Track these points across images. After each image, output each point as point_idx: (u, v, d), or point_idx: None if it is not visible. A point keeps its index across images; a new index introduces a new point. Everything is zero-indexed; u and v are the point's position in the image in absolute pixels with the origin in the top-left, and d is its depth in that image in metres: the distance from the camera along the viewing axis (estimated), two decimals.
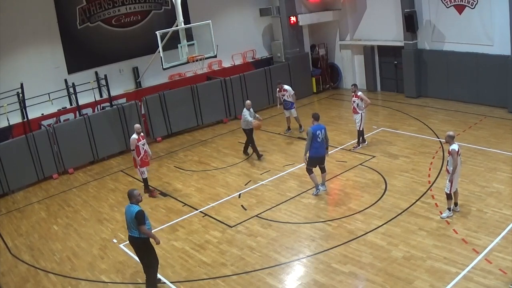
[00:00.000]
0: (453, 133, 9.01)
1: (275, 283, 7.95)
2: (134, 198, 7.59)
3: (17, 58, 14.17)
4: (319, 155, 10.65)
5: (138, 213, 7.38)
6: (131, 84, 16.78)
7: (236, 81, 17.50)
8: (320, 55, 20.27)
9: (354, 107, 13.12)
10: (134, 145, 11.40)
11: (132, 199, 7.60)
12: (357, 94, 13.01)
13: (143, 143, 11.58)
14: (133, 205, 7.55)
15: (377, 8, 18.23)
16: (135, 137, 11.40)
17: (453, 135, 8.95)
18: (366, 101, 13.05)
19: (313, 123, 10.69)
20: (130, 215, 7.50)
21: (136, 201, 7.59)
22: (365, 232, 9.03)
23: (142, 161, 11.55)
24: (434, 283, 7.32)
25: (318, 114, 10.92)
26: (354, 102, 13.06)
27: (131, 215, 7.45)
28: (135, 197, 7.60)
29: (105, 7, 15.69)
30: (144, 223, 7.43)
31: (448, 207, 9.18)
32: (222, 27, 17.64)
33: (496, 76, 14.84)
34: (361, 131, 13.34)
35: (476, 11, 15.09)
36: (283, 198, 10.91)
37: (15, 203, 12.63)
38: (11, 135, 13.87)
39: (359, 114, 13.05)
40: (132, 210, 7.47)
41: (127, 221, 7.65)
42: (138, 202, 7.63)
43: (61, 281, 8.71)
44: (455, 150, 8.75)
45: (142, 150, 11.51)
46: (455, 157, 8.74)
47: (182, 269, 8.63)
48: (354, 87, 13.20)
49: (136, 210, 7.42)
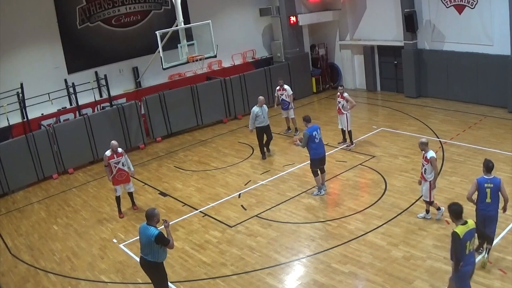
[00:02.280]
0: (426, 139, 8.89)
1: (275, 283, 7.95)
2: (155, 218, 6.92)
3: (17, 58, 14.17)
4: (320, 155, 10.66)
5: (158, 238, 6.77)
6: (131, 84, 16.78)
7: (236, 81, 17.50)
8: (320, 55, 20.27)
9: (339, 108, 13.29)
10: (106, 161, 10.62)
11: (153, 219, 6.91)
12: (343, 95, 13.15)
13: (118, 161, 10.67)
14: (151, 227, 6.87)
15: (377, 8, 18.23)
16: (107, 154, 10.60)
17: (426, 142, 8.81)
18: (351, 102, 13.16)
19: (306, 126, 10.63)
20: (146, 237, 6.86)
21: (156, 221, 6.94)
22: (365, 232, 9.03)
23: (114, 179, 10.72)
24: (434, 283, 7.32)
25: (308, 116, 10.83)
26: (340, 103, 13.23)
27: (149, 239, 6.82)
28: (156, 217, 6.92)
29: (105, 7, 15.69)
30: (168, 242, 6.88)
31: (426, 208, 9.13)
32: (222, 27, 17.63)
33: (496, 76, 14.84)
34: (350, 131, 13.42)
35: (476, 11, 15.09)
36: (283, 198, 10.91)
37: (15, 203, 12.63)
38: (11, 135, 13.87)
39: (344, 115, 13.18)
40: (150, 234, 6.81)
41: (142, 243, 7.03)
42: (157, 222, 6.97)
43: (61, 281, 8.71)
44: (435, 157, 8.61)
45: (114, 169, 10.63)
46: (435, 164, 8.61)
47: (182, 269, 8.63)
48: (341, 88, 13.43)
49: (155, 234, 6.77)
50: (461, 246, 6.11)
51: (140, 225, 7.16)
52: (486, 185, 7.37)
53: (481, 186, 7.40)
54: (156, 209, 7.01)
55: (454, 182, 10.54)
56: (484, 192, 7.39)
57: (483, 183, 7.40)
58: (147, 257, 7.00)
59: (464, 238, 6.10)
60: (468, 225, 6.20)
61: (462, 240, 6.10)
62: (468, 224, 6.21)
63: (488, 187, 7.36)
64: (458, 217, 6.23)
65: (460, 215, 6.23)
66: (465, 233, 6.12)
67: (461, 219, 6.23)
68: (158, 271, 7.17)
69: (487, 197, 7.37)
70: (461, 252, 6.14)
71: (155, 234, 6.78)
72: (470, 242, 6.20)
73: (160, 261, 7.07)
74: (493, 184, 7.35)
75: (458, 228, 6.15)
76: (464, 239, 6.10)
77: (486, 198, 7.39)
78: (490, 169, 7.43)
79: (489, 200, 7.38)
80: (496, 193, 7.37)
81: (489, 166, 7.43)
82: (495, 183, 7.35)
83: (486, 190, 7.37)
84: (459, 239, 6.08)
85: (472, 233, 6.23)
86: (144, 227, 6.97)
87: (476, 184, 7.44)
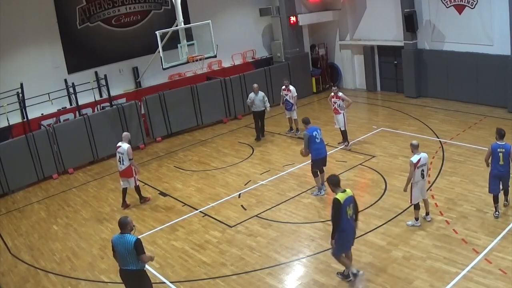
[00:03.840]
0: (416, 142, 8.77)
1: (275, 283, 7.95)
2: (129, 226, 6.61)
3: (17, 58, 14.17)
4: (321, 156, 10.66)
5: (137, 243, 6.48)
6: (131, 84, 16.79)
7: (236, 81, 17.50)
8: (320, 55, 20.29)
9: (335, 108, 13.31)
10: (131, 154, 10.99)
11: (126, 227, 6.60)
12: (338, 95, 13.17)
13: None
14: (127, 234, 6.57)
15: (377, 8, 18.24)
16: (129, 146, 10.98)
17: (416, 145, 8.70)
18: (347, 101, 13.26)
19: (306, 127, 10.67)
20: (124, 246, 6.51)
21: (130, 229, 6.63)
22: (365, 232, 9.02)
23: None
24: (434, 283, 7.32)
25: (307, 118, 10.88)
26: (336, 103, 13.25)
27: (127, 247, 6.48)
28: (129, 225, 6.62)
29: (105, 7, 15.69)
30: (143, 252, 6.57)
31: (415, 216, 8.98)
32: (222, 27, 17.63)
33: (496, 76, 14.84)
34: (345, 131, 13.43)
35: (476, 11, 15.09)
36: (283, 198, 10.91)
37: (15, 203, 12.63)
38: (11, 135, 13.87)
39: (341, 114, 13.21)
40: (128, 241, 6.50)
41: (121, 254, 6.61)
42: (131, 230, 6.67)
43: (61, 281, 8.71)
44: (413, 162, 8.54)
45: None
46: (411, 169, 8.56)
47: (182, 269, 8.63)
48: (335, 88, 13.48)
49: (133, 240, 6.48)
50: (341, 210, 7.03)
51: (112, 237, 6.78)
52: (499, 150, 8.56)
53: (495, 151, 8.59)
54: (128, 217, 6.74)
55: (454, 182, 10.54)
56: (497, 155, 8.57)
57: (496, 148, 8.59)
58: (130, 267, 6.61)
59: (344, 204, 7.04)
60: (347, 192, 7.15)
61: (343, 205, 7.03)
62: (347, 192, 7.16)
63: (500, 151, 8.54)
64: (336, 186, 7.21)
65: (338, 184, 7.22)
66: (344, 199, 7.06)
67: (339, 187, 7.18)
68: (145, 278, 6.89)
69: (500, 160, 8.55)
70: (341, 216, 7.06)
71: (134, 240, 6.49)
72: (349, 207, 7.13)
73: (144, 268, 6.79)
74: (505, 149, 8.52)
75: (339, 195, 7.08)
76: (344, 204, 7.04)
77: (499, 161, 8.56)
78: (502, 136, 8.63)
79: (502, 162, 8.56)
80: (507, 156, 8.51)
81: (501, 133, 8.64)
82: (506, 148, 8.51)
83: (499, 154, 8.55)
84: (340, 204, 7.02)
85: (350, 199, 7.16)
86: (118, 237, 6.63)
87: (490, 149, 8.67)
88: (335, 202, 7.06)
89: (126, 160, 10.96)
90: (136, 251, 6.47)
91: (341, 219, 7.07)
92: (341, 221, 7.07)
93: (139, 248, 6.49)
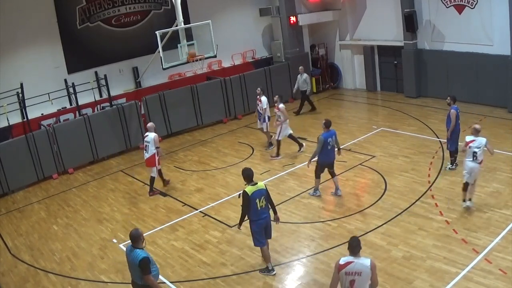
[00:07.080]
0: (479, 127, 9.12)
1: (275, 283, 7.95)
2: (140, 240, 6.31)
3: (17, 58, 14.16)
4: (329, 160, 10.51)
5: (142, 262, 6.16)
6: (131, 84, 16.78)
7: (236, 81, 17.50)
8: (320, 55, 20.28)
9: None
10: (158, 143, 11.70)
11: (138, 241, 6.30)
12: (278, 107, 13.00)
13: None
14: (137, 250, 6.28)
15: (377, 8, 18.23)
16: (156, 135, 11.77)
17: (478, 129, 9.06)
18: (286, 116, 13.01)
19: (324, 130, 10.33)
20: (133, 261, 6.30)
21: (142, 241, 6.36)
22: (365, 232, 9.03)
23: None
24: (434, 283, 7.32)
25: (330, 121, 10.42)
26: (276, 113, 13.14)
27: (134, 262, 6.25)
28: (141, 237, 6.33)
29: (105, 7, 15.69)
30: (149, 273, 6.21)
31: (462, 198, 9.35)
32: (222, 27, 17.62)
33: (496, 76, 14.84)
34: (279, 141, 13.24)
35: (476, 11, 15.10)
36: (283, 198, 10.91)
37: (15, 203, 12.62)
38: (11, 135, 13.86)
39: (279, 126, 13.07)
40: (135, 256, 6.24)
41: (129, 266, 6.47)
42: (143, 241, 6.40)
43: (61, 281, 8.71)
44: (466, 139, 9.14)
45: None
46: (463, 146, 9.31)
47: (182, 269, 8.63)
48: (277, 97, 13.19)
49: (140, 258, 6.18)
50: (249, 202, 7.54)
51: (126, 247, 6.55)
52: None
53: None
54: (139, 229, 6.46)
55: (454, 182, 10.51)
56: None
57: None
58: (136, 280, 6.40)
59: (253, 196, 7.53)
60: (257, 186, 7.63)
61: (251, 197, 7.52)
62: (258, 185, 7.65)
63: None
64: (248, 179, 7.66)
65: (250, 178, 7.67)
66: (253, 192, 7.54)
67: (251, 181, 7.65)
68: None
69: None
70: (251, 207, 7.58)
71: (139, 259, 6.18)
72: (259, 200, 7.60)
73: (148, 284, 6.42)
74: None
75: (248, 188, 7.56)
76: (252, 196, 7.53)
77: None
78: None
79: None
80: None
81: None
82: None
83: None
84: (248, 196, 7.53)
85: (262, 192, 7.62)
86: (130, 249, 6.38)
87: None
88: (243, 194, 7.60)
89: (152, 148, 11.54)
90: (141, 270, 6.23)
91: (251, 210, 7.64)
92: (251, 211, 7.66)
93: (144, 269, 6.20)
